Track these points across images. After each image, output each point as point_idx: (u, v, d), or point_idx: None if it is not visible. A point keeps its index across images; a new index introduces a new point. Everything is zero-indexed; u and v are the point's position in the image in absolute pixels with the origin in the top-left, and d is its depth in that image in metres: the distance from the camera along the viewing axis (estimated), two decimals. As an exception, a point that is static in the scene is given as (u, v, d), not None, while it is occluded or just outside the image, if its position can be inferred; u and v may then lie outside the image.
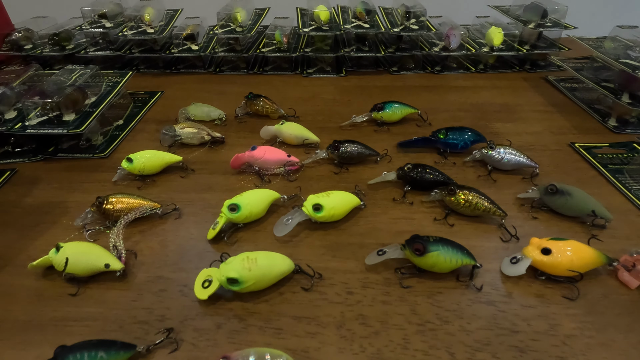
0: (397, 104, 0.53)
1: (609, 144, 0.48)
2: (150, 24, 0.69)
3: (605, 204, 0.37)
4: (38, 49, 0.71)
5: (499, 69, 0.70)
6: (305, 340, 0.27)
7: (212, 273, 0.30)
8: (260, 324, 0.29)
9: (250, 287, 0.29)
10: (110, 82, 0.56)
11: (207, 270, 0.30)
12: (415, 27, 0.67)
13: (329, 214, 0.36)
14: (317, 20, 0.67)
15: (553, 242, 0.31)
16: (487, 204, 0.37)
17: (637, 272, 0.30)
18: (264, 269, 0.30)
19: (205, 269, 0.31)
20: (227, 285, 0.29)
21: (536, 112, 0.57)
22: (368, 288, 0.31)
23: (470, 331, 0.28)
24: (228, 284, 0.29)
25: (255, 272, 0.29)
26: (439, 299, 0.30)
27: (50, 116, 0.47)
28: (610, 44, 0.58)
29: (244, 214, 0.36)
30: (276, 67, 0.72)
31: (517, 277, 0.32)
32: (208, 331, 0.28)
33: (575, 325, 0.28)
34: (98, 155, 0.48)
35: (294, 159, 0.44)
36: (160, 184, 0.43)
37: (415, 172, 0.40)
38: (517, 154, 0.43)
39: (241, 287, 0.29)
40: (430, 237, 0.32)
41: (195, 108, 0.55)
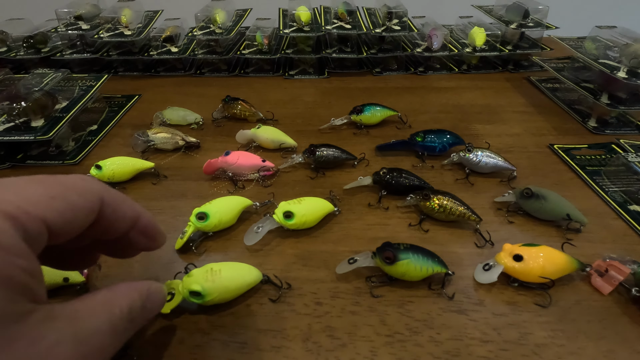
0: (377, 107, 0.52)
1: (587, 145, 0.48)
2: (127, 26, 0.68)
3: (581, 206, 0.37)
4: (13, 52, 0.69)
5: (482, 69, 0.70)
6: (270, 355, 0.27)
7: (175, 285, 0.29)
8: (224, 338, 0.28)
9: (215, 300, 0.28)
10: (84, 86, 0.55)
11: (170, 282, 0.29)
12: (397, 28, 0.66)
13: (300, 221, 0.35)
14: (298, 21, 0.67)
15: (525, 248, 0.31)
16: (461, 209, 0.36)
17: (609, 278, 0.30)
18: (228, 281, 0.29)
19: (168, 281, 0.29)
20: (190, 299, 0.28)
21: (517, 113, 0.56)
22: (338, 298, 0.30)
23: (440, 342, 0.27)
24: (191, 297, 0.28)
25: (219, 285, 0.28)
26: (409, 309, 0.29)
27: (17, 122, 0.45)
28: (591, 44, 0.58)
29: (212, 222, 0.35)
30: (258, 69, 0.71)
31: (490, 284, 0.31)
32: (169, 347, 0.27)
33: (546, 334, 0.28)
34: (68, 161, 0.47)
35: (269, 164, 0.43)
36: (130, 191, 0.42)
37: (391, 176, 0.40)
38: (495, 157, 0.43)
39: (204, 300, 0.28)
40: (401, 245, 0.31)
41: (171, 112, 0.53)
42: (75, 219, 0.20)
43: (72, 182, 0.21)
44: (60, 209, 0.19)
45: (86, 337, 0.19)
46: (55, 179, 0.20)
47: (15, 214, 0.17)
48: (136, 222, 0.24)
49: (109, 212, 0.22)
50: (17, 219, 0.17)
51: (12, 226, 0.17)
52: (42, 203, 0.18)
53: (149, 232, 0.25)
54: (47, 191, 0.19)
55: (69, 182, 0.20)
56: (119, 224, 0.23)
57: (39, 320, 0.17)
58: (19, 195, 0.18)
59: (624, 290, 0.30)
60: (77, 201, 0.20)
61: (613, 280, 0.30)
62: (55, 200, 0.19)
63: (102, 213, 0.21)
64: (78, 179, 0.21)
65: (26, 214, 0.17)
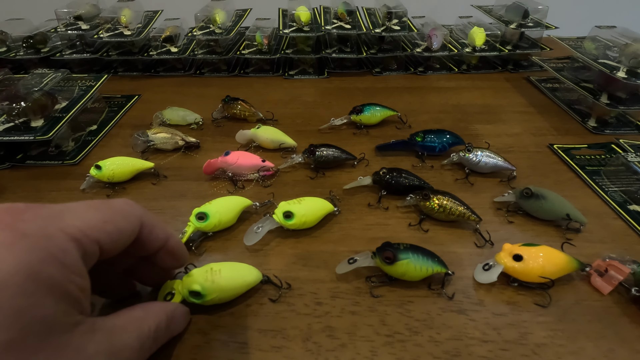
0: (377, 107, 0.52)
1: (587, 145, 0.48)
2: (127, 26, 0.68)
3: (581, 206, 0.37)
4: (12, 52, 0.69)
5: (482, 69, 0.70)
6: (270, 355, 0.27)
7: (175, 285, 0.29)
8: (224, 338, 0.28)
9: (215, 300, 0.28)
10: (83, 86, 0.55)
11: (170, 282, 0.29)
12: (397, 28, 0.66)
13: (300, 221, 0.35)
14: (297, 22, 0.67)
15: (525, 248, 0.31)
16: (461, 208, 0.36)
17: (609, 278, 0.30)
18: (228, 281, 0.29)
19: (168, 281, 0.29)
20: (190, 299, 0.28)
21: (517, 113, 0.56)
22: (338, 298, 0.30)
23: (440, 342, 0.27)
24: (190, 296, 0.28)
25: (219, 284, 0.28)
26: (409, 309, 0.29)
27: (16, 122, 0.45)
28: (590, 44, 0.58)
29: (212, 222, 0.35)
30: (257, 69, 0.71)
31: (489, 284, 0.31)
32: (169, 347, 0.27)
33: (546, 334, 0.28)
34: (68, 162, 0.47)
35: (268, 164, 0.43)
36: (130, 191, 0.42)
37: (391, 176, 0.40)
38: (495, 157, 0.43)
39: (204, 300, 0.28)
40: (401, 245, 0.31)
41: (170, 112, 0.53)
42: (120, 239, 0.23)
43: (120, 206, 0.23)
44: (110, 231, 0.22)
45: (118, 351, 0.21)
46: (107, 205, 0.23)
47: (78, 236, 0.20)
48: (166, 243, 0.26)
49: (146, 233, 0.24)
50: (79, 241, 0.20)
51: (75, 247, 0.19)
52: (98, 227, 0.21)
53: (175, 252, 0.27)
54: (102, 216, 0.22)
55: (117, 206, 0.23)
56: (151, 244, 0.25)
57: (83, 332, 0.19)
58: (80, 220, 0.21)
59: (624, 290, 0.30)
60: (123, 224, 0.23)
61: (613, 280, 0.30)
62: (107, 224, 0.22)
63: (139, 234, 0.24)
64: (124, 204, 0.24)
65: (86, 237, 0.20)
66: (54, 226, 0.19)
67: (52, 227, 0.19)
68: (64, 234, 0.19)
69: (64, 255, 0.19)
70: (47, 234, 0.19)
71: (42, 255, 0.18)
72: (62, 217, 0.20)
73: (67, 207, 0.21)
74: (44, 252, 0.18)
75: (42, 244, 0.18)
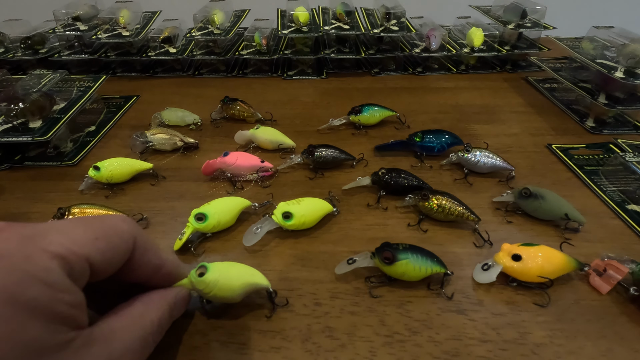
0: (376, 107, 0.52)
1: (585, 145, 0.48)
2: (125, 27, 0.68)
3: (579, 206, 0.37)
4: (10, 53, 0.69)
5: (480, 69, 0.70)
6: (269, 355, 0.27)
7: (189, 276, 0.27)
8: (223, 339, 0.28)
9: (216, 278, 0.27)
10: (82, 86, 0.55)
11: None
12: (396, 29, 0.66)
13: (299, 221, 0.35)
14: (296, 22, 0.67)
15: (524, 248, 0.31)
16: (460, 209, 0.36)
17: (608, 277, 0.30)
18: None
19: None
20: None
21: (515, 113, 0.56)
22: (337, 299, 0.30)
23: (439, 342, 0.27)
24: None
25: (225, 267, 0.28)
26: (408, 309, 0.30)
27: (15, 123, 0.45)
28: (588, 44, 0.58)
29: (211, 223, 0.35)
30: (256, 70, 0.71)
31: (488, 283, 0.31)
32: (168, 348, 0.27)
33: (545, 333, 0.28)
34: (66, 162, 0.46)
35: (267, 165, 0.43)
36: (129, 192, 0.42)
37: (390, 176, 0.40)
38: (493, 157, 0.43)
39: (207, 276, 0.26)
40: (400, 245, 0.31)
41: (169, 113, 0.53)
42: (114, 258, 0.22)
43: (114, 223, 0.22)
44: (102, 249, 0.21)
45: (119, 357, 0.21)
46: (100, 221, 0.22)
47: (63, 254, 0.19)
48: (159, 270, 0.25)
49: (137, 256, 0.23)
50: (64, 258, 0.19)
51: (58, 265, 0.19)
52: (87, 244, 0.20)
53: (170, 280, 0.26)
54: (92, 233, 0.21)
55: (111, 223, 0.22)
56: (142, 270, 0.24)
57: (78, 348, 0.19)
58: (66, 237, 0.20)
59: (622, 290, 0.30)
60: (116, 242, 0.22)
61: (611, 279, 0.30)
62: (99, 241, 0.21)
63: (130, 255, 0.23)
64: (119, 220, 0.23)
65: (73, 254, 0.19)
66: (35, 245, 0.19)
67: (33, 247, 0.18)
68: (45, 252, 0.18)
69: (46, 274, 0.18)
70: (26, 254, 0.18)
71: (19, 277, 0.17)
72: (45, 236, 0.19)
73: (53, 225, 0.21)
74: (22, 273, 0.17)
75: (20, 265, 0.18)
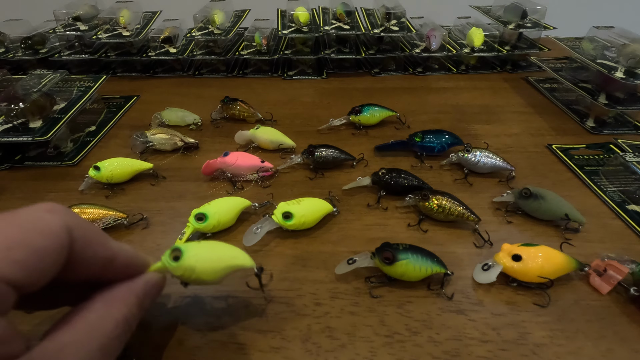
0: (376, 107, 0.52)
1: (585, 145, 0.48)
2: (125, 27, 0.68)
3: (580, 206, 0.37)
4: (11, 53, 0.69)
5: (481, 69, 0.70)
6: (269, 355, 0.27)
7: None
8: (223, 339, 0.28)
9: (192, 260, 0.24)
10: (82, 86, 0.55)
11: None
12: (396, 29, 0.66)
13: (299, 222, 0.35)
14: (296, 22, 0.67)
15: (524, 248, 0.31)
16: (460, 209, 0.36)
17: (608, 277, 0.30)
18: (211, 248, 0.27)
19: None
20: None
21: (515, 113, 0.56)
22: (337, 299, 0.30)
23: (439, 342, 0.27)
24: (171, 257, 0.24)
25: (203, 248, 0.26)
26: (408, 309, 0.29)
27: (15, 123, 0.45)
28: (588, 44, 0.58)
29: (211, 223, 0.35)
30: (256, 70, 0.71)
31: (489, 284, 0.31)
32: (168, 348, 0.27)
33: (545, 334, 0.28)
34: (67, 162, 0.46)
35: (267, 165, 0.43)
36: (129, 192, 0.42)
37: (390, 176, 0.40)
38: (493, 157, 0.43)
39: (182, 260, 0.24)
40: (400, 245, 0.31)
41: (169, 113, 0.53)
42: (42, 264, 0.17)
43: (33, 219, 0.18)
44: (22, 259, 0.16)
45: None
46: (11, 222, 0.17)
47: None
48: (111, 264, 0.21)
49: (77, 251, 0.19)
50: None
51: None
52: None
53: (130, 272, 0.22)
54: (3, 241, 0.16)
55: (29, 220, 0.18)
56: (86, 267, 0.19)
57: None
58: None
59: (623, 290, 0.30)
60: (40, 244, 0.17)
61: (612, 279, 0.30)
62: (14, 251, 0.16)
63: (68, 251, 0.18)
64: (42, 212, 0.18)
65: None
66: None
67: None
68: None
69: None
70: None
71: None
72: None
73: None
74: None
75: None
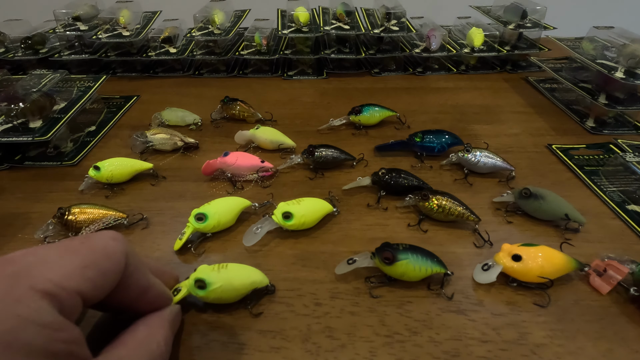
0: (376, 107, 0.52)
1: (585, 146, 0.48)
2: (125, 27, 0.68)
3: (580, 206, 0.37)
4: (10, 53, 0.69)
5: (481, 69, 0.70)
6: (269, 356, 0.27)
7: (183, 284, 0.29)
8: (223, 339, 0.28)
9: (218, 292, 0.28)
10: (82, 86, 0.55)
11: (179, 284, 0.29)
12: (396, 29, 0.66)
13: (299, 222, 0.35)
14: (296, 22, 0.67)
15: (524, 248, 0.31)
16: (460, 209, 0.36)
17: (608, 277, 0.30)
18: (233, 274, 0.29)
19: (178, 284, 0.29)
20: (195, 290, 0.28)
21: (515, 113, 0.56)
22: (337, 299, 0.30)
23: (439, 342, 0.27)
24: (196, 287, 0.28)
25: (225, 276, 0.28)
26: (408, 309, 0.29)
27: (15, 123, 0.45)
28: (588, 44, 0.58)
29: (211, 223, 0.35)
30: (256, 70, 0.71)
31: (489, 284, 0.31)
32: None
33: (545, 334, 0.28)
34: (66, 162, 0.46)
35: (267, 165, 0.43)
36: (129, 192, 0.42)
37: (390, 176, 0.40)
38: (493, 157, 0.43)
39: (208, 290, 0.27)
40: (400, 245, 0.31)
41: (169, 113, 0.53)
42: (105, 283, 0.21)
43: (103, 244, 0.21)
44: (92, 277, 0.20)
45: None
46: (87, 245, 0.21)
47: (53, 291, 0.18)
48: (145, 294, 0.24)
49: (126, 275, 0.22)
50: (54, 296, 0.18)
51: (49, 303, 0.18)
52: (76, 275, 0.19)
53: (155, 305, 0.25)
54: (80, 261, 0.20)
55: (100, 244, 0.21)
56: (127, 292, 0.23)
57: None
58: (54, 271, 0.19)
59: (623, 290, 0.30)
60: (106, 266, 0.21)
61: (611, 280, 0.30)
62: (88, 270, 0.20)
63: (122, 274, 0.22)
64: (108, 240, 0.22)
65: (63, 290, 0.18)
66: (23, 285, 0.18)
67: (21, 287, 0.17)
68: (34, 292, 0.18)
69: (38, 315, 0.17)
70: (16, 296, 0.17)
71: (13, 323, 0.17)
72: (30, 271, 0.18)
73: (38, 257, 0.19)
74: (15, 318, 0.17)
75: (12, 309, 0.17)
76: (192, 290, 0.28)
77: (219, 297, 0.28)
